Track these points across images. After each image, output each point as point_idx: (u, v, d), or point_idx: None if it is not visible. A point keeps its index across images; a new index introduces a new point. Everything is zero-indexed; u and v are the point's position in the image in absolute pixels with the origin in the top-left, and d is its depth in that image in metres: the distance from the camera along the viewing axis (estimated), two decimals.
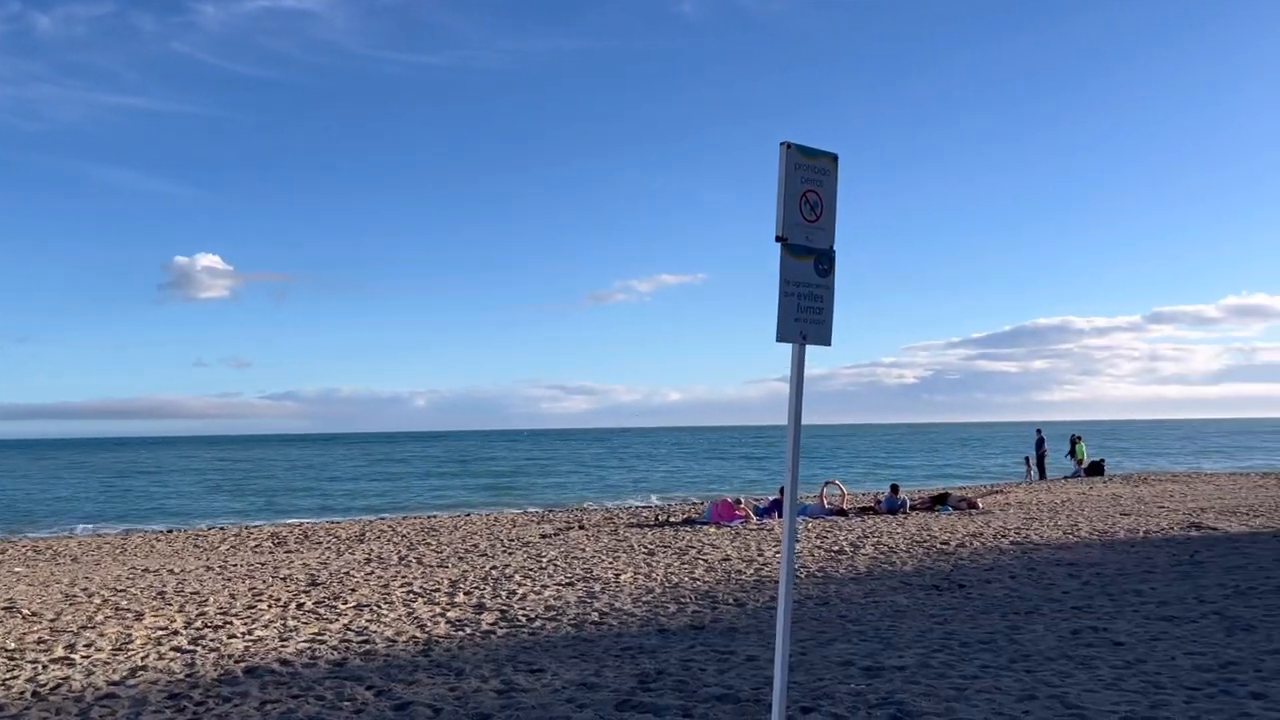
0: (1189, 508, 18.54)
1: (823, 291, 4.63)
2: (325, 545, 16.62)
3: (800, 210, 4.50)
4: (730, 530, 16.87)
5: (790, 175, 4.44)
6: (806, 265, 4.57)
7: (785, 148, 4.44)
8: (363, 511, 30.86)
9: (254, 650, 7.61)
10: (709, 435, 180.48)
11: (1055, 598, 9.12)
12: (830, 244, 4.64)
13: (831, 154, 4.62)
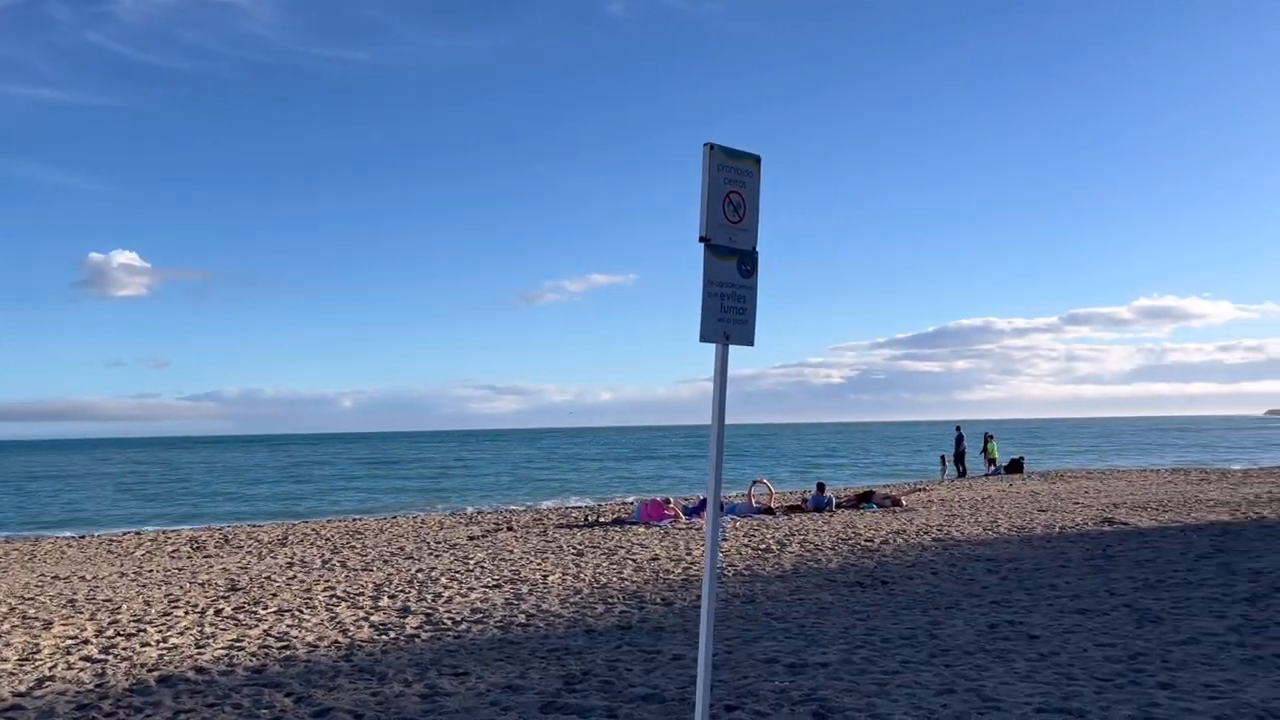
0: (1102, 504, 19.12)
1: (746, 292, 4.66)
2: (246, 549, 16.25)
3: (723, 211, 4.53)
4: (659, 530, 16.92)
5: (713, 176, 4.46)
6: (730, 266, 4.60)
7: (709, 149, 4.46)
8: (286, 515, 30.24)
9: (168, 658, 7.40)
10: (640, 435, 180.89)
11: (975, 593, 9.32)
12: (753, 245, 4.68)
13: (754, 156, 4.65)
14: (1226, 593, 8.68)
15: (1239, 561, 10.47)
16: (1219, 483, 25.48)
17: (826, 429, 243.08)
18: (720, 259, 4.54)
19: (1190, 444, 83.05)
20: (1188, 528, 14.01)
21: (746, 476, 33.32)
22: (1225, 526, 13.93)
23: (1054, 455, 63.46)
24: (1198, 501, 18.64)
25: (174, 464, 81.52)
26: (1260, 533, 12.99)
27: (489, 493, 41.37)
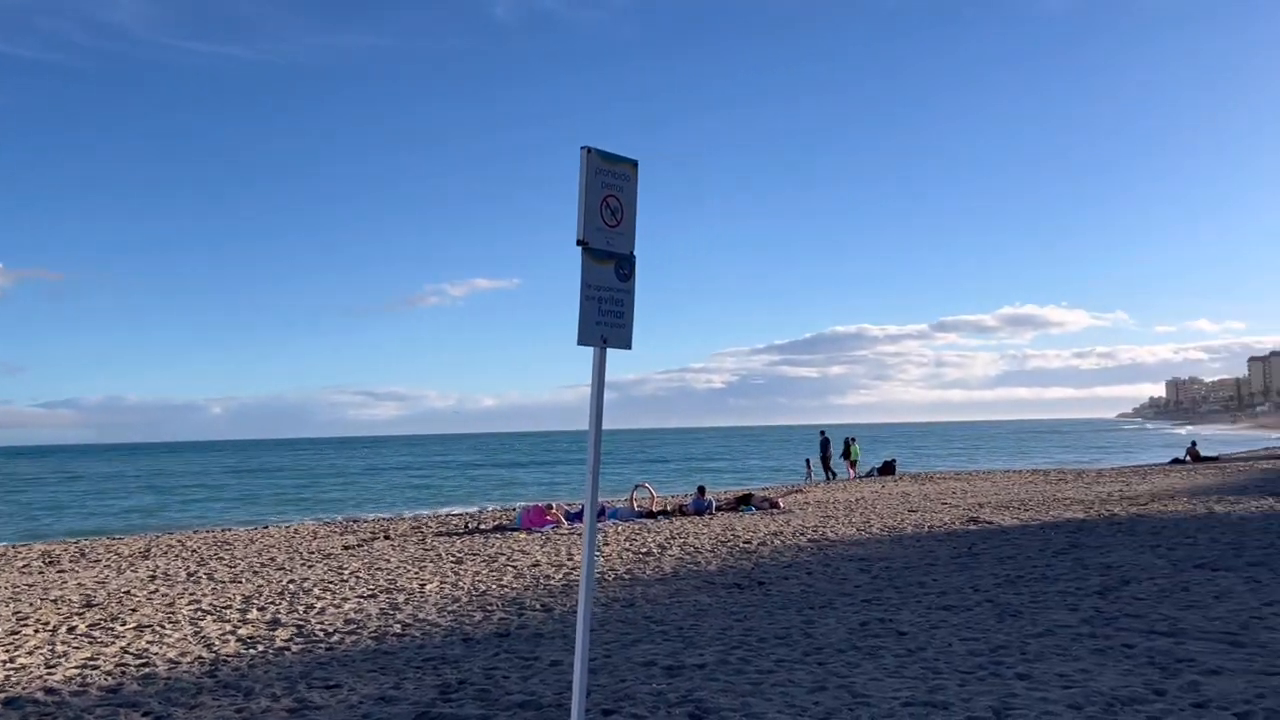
0: (969, 503, 19.90)
1: (623, 296, 4.68)
2: (104, 563, 15.45)
3: (601, 215, 4.53)
4: (541, 536, 16.82)
5: (591, 180, 4.47)
6: (607, 270, 4.61)
7: (586, 152, 4.46)
8: (149, 526, 28.90)
9: (15, 679, 6.96)
10: (523, 440, 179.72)
11: (847, 592, 9.56)
12: (630, 249, 4.70)
13: (632, 160, 4.67)
14: (1080, 586, 9.13)
15: (1091, 557, 11.03)
16: (1075, 482, 26.83)
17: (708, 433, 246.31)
18: (598, 262, 4.55)
19: (1049, 446, 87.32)
20: (1046, 525, 14.69)
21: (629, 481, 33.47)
22: (1080, 524, 14.66)
23: (924, 457, 65.80)
24: (1055, 500, 19.58)
25: (25, 475, 77.02)
26: (1111, 529, 13.72)
27: (366, 501, 40.45)
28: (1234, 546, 11.24)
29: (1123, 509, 16.73)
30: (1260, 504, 16.39)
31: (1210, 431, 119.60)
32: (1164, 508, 16.61)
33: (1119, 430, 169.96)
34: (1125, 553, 11.21)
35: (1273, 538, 11.80)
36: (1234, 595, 8.29)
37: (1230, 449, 56.15)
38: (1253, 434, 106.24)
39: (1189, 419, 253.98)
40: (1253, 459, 39.83)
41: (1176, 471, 30.90)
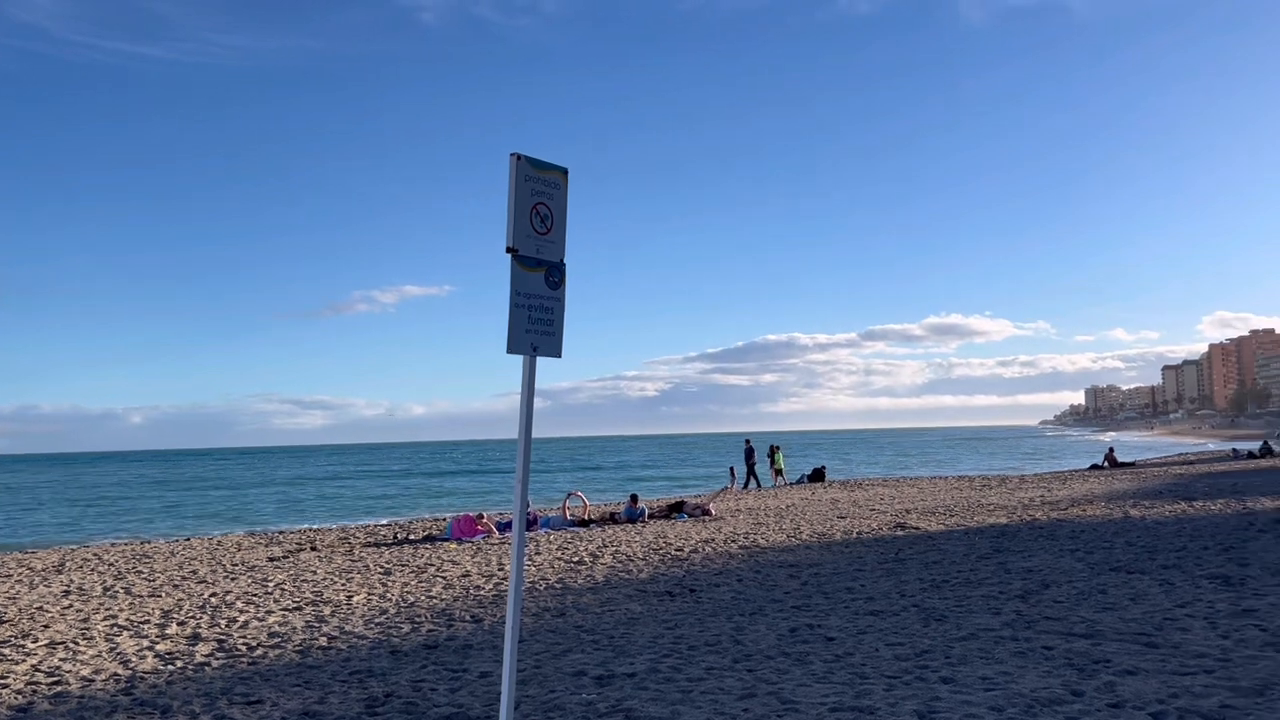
0: (896, 509, 20.22)
1: (553, 304, 4.66)
2: (15, 578, 14.89)
3: (531, 222, 4.51)
4: (472, 546, 16.66)
5: (520, 187, 4.44)
6: (537, 277, 4.59)
7: (515, 159, 4.44)
8: (64, 539, 27.94)
9: None
10: (454, 449, 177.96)
11: (777, 598, 9.63)
12: (561, 257, 4.68)
13: (562, 168, 4.66)
14: (1003, 590, 9.33)
15: (1014, 561, 11.28)
16: (999, 488, 27.43)
17: (642, 441, 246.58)
18: (528, 270, 4.53)
19: (974, 453, 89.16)
20: (971, 531, 14.99)
21: (562, 490, 33.33)
22: (1003, 529, 14.99)
23: (853, 464, 66.71)
24: (980, 506, 19.99)
25: None
26: (1033, 533, 14.05)
27: (292, 511, 39.68)
28: (1148, 550, 11.59)
29: (1044, 514, 17.15)
30: (1173, 508, 16.93)
31: (1127, 438, 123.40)
32: (1083, 513, 17.07)
33: (1041, 437, 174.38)
34: (1046, 557, 11.49)
35: (1185, 541, 12.20)
36: (1148, 597, 8.54)
37: (1145, 455, 57.98)
38: (1167, 440, 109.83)
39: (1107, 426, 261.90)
40: (1166, 464, 41.17)
41: (1095, 477, 31.79)
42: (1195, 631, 7.06)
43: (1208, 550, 11.22)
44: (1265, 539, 11.89)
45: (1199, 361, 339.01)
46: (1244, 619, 7.39)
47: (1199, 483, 24.59)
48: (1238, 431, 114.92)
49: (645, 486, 43.46)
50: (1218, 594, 8.49)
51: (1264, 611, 7.61)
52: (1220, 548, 11.36)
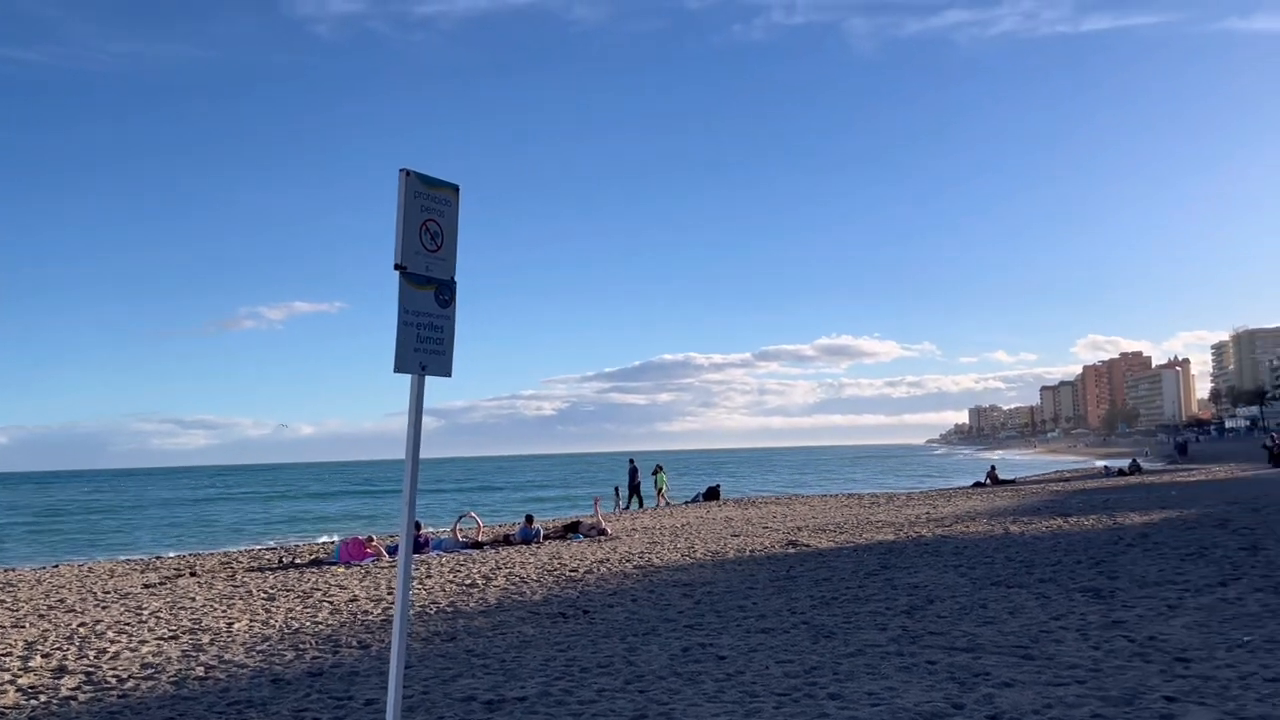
0: (788, 527, 20.52)
1: (443, 322, 4.59)
2: None
3: (420, 239, 4.44)
4: (361, 569, 16.25)
5: (410, 203, 4.38)
6: (427, 295, 4.51)
7: (405, 175, 4.37)
8: None
9: None
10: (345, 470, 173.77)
11: (670, 618, 9.65)
12: (451, 274, 4.62)
13: (453, 185, 4.61)
14: (889, 606, 9.54)
15: (900, 577, 11.55)
16: (886, 506, 28.12)
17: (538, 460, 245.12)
18: (417, 288, 4.45)
19: (863, 471, 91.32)
20: (859, 548, 15.30)
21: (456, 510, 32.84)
22: (890, 545, 15.35)
23: (747, 482, 67.57)
24: (868, 523, 20.45)
25: None
26: (919, 550, 14.43)
27: (170, 535, 38.11)
28: (1026, 565, 12.01)
29: (929, 531, 17.63)
30: (1050, 524, 17.61)
31: (1008, 456, 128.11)
32: (966, 529, 17.61)
33: (928, 455, 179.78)
34: (931, 573, 11.80)
35: (1060, 555, 12.69)
36: (1026, 611, 8.84)
37: (1025, 472, 60.27)
38: (1045, 458, 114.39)
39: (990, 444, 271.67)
40: (1044, 481, 42.87)
41: (978, 494, 32.87)
42: (1069, 643, 7.33)
43: (1081, 564, 11.69)
44: (1133, 553, 12.45)
45: (1074, 383, 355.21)
46: (1113, 630, 7.71)
47: (1073, 499, 25.66)
48: (1109, 449, 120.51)
49: (541, 507, 43.13)
50: (1090, 606, 8.85)
51: (1132, 623, 7.96)
52: (1092, 562, 11.85)
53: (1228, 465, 45.96)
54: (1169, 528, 15.27)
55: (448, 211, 4.56)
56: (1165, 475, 39.64)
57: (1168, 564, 11.20)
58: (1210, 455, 66.07)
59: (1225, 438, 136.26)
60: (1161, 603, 8.77)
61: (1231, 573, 10.27)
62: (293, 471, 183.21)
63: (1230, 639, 7.08)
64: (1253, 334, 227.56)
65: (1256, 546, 12.21)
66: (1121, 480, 37.07)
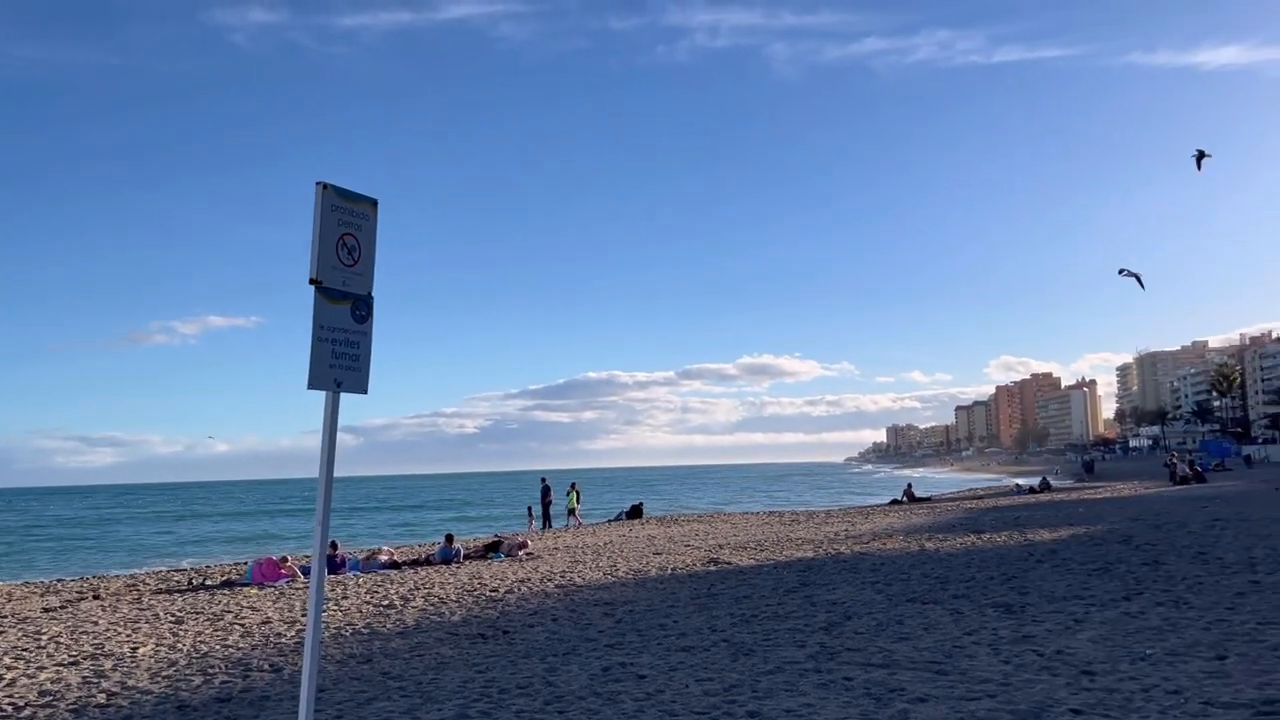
0: (710, 545, 20.60)
1: (360, 338, 4.52)
2: None
3: (337, 253, 4.37)
4: (275, 591, 15.84)
5: (327, 217, 4.30)
6: (343, 310, 4.44)
7: (322, 188, 4.30)
8: None
9: None
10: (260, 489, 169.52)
11: (591, 637, 9.59)
12: (368, 290, 4.55)
13: (371, 199, 4.54)
14: (808, 623, 9.63)
15: (819, 594, 11.68)
16: (806, 523, 28.44)
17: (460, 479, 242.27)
18: (332, 303, 4.37)
19: (784, 489, 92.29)
20: (779, 565, 15.44)
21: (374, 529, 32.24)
22: (810, 562, 15.52)
23: (670, 500, 67.72)
24: (789, 541, 20.64)
25: None
26: (837, 567, 14.61)
27: (73, 557, 36.69)
28: (941, 581, 12.25)
29: (848, 548, 17.87)
30: (964, 541, 18.00)
31: (924, 474, 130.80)
32: (883, 546, 17.90)
33: (847, 473, 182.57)
34: (849, 589, 11.95)
35: (973, 572, 12.97)
36: (940, 627, 9.01)
37: (941, 490, 61.53)
38: (959, 476, 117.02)
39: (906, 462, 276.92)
40: (959, 499, 43.83)
41: (895, 512, 33.45)
42: (980, 658, 7.49)
43: (993, 580, 11.96)
44: (1043, 568, 12.79)
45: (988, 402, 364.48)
46: (1023, 644, 7.90)
47: (986, 516, 26.28)
48: (1021, 467, 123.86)
49: (462, 526, 42.63)
50: (1001, 621, 9.05)
51: (1041, 637, 8.16)
52: (1004, 578, 12.13)
53: (1131, 483, 47.60)
54: (1076, 544, 15.73)
55: (366, 226, 4.50)
56: (1073, 493, 40.88)
57: (1075, 579, 11.53)
58: (1115, 473, 68.38)
59: (1130, 456, 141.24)
60: (1069, 617, 9.02)
61: (1135, 587, 10.62)
62: (205, 490, 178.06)
63: (1133, 652, 7.31)
64: (1154, 356, 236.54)
65: (1158, 562, 12.65)
66: (1032, 498, 38.10)
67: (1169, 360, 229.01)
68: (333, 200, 4.32)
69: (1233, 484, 39.34)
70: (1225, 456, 74.13)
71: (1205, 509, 22.66)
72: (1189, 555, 13.14)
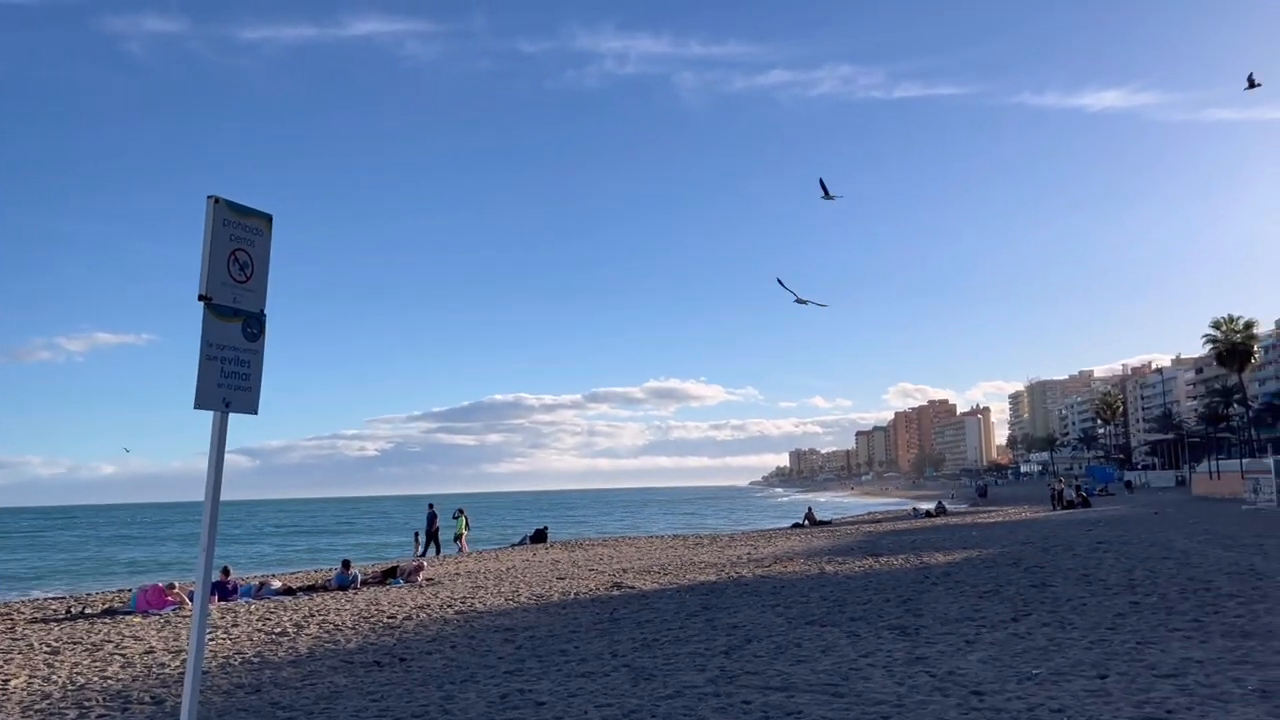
0: (614, 569, 20.54)
1: (251, 357, 4.39)
2: None
3: (228, 269, 4.24)
4: (160, 619, 15.20)
5: (218, 232, 4.18)
6: (234, 328, 4.31)
7: (213, 202, 4.18)
8: None
9: None
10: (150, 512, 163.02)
11: (490, 664, 9.45)
12: (261, 307, 4.43)
13: (266, 214, 4.43)
14: (708, 647, 9.66)
15: (720, 617, 11.74)
16: (710, 546, 28.60)
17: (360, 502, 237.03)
18: (222, 320, 4.24)
19: (689, 512, 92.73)
20: (682, 589, 15.47)
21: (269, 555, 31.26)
22: (712, 586, 15.59)
23: (575, 524, 67.39)
24: (692, 564, 20.72)
25: None
26: (739, 590, 14.71)
27: None
28: (839, 604, 12.44)
29: (750, 571, 18.02)
30: (862, 564, 18.33)
31: (825, 498, 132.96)
32: (784, 569, 18.10)
33: (751, 496, 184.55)
34: (750, 613, 12.04)
35: (870, 594, 13.20)
36: (837, 649, 9.13)
37: (841, 514, 62.60)
38: (859, 500, 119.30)
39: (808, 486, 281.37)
40: (858, 523, 44.65)
41: (797, 535, 33.89)
42: (875, 680, 7.61)
43: (889, 603, 12.20)
44: (937, 591, 13.10)
45: (887, 428, 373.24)
46: (917, 666, 8.06)
47: (884, 539, 26.83)
48: (919, 492, 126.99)
49: (359, 551, 41.65)
50: (896, 643, 9.22)
51: (933, 658, 8.34)
52: (900, 600, 12.38)
53: (1022, 507, 49.24)
54: (969, 567, 16.16)
55: (259, 241, 4.38)
56: (968, 517, 42.06)
57: (967, 601, 11.84)
58: (1007, 498, 70.66)
59: (1021, 481, 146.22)
60: (961, 638, 9.25)
61: (1023, 609, 10.95)
62: (89, 514, 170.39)
63: (1020, 672, 7.52)
64: (1044, 385, 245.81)
65: (1045, 584, 13.08)
66: (928, 521, 39.06)
67: (1057, 389, 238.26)
68: (224, 214, 4.20)
69: (1115, 508, 41.01)
70: (1108, 482, 77.30)
71: (1090, 532, 23.56)
72: (1074, 577, 13.62)
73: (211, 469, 4.19)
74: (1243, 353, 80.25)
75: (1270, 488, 33.17)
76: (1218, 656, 7.63)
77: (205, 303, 4.14)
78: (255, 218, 4.35)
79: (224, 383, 4.22)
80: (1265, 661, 7.30)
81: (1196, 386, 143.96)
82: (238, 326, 4.31)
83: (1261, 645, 7.99)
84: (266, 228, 4.40)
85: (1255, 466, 41.22)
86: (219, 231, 4.17)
